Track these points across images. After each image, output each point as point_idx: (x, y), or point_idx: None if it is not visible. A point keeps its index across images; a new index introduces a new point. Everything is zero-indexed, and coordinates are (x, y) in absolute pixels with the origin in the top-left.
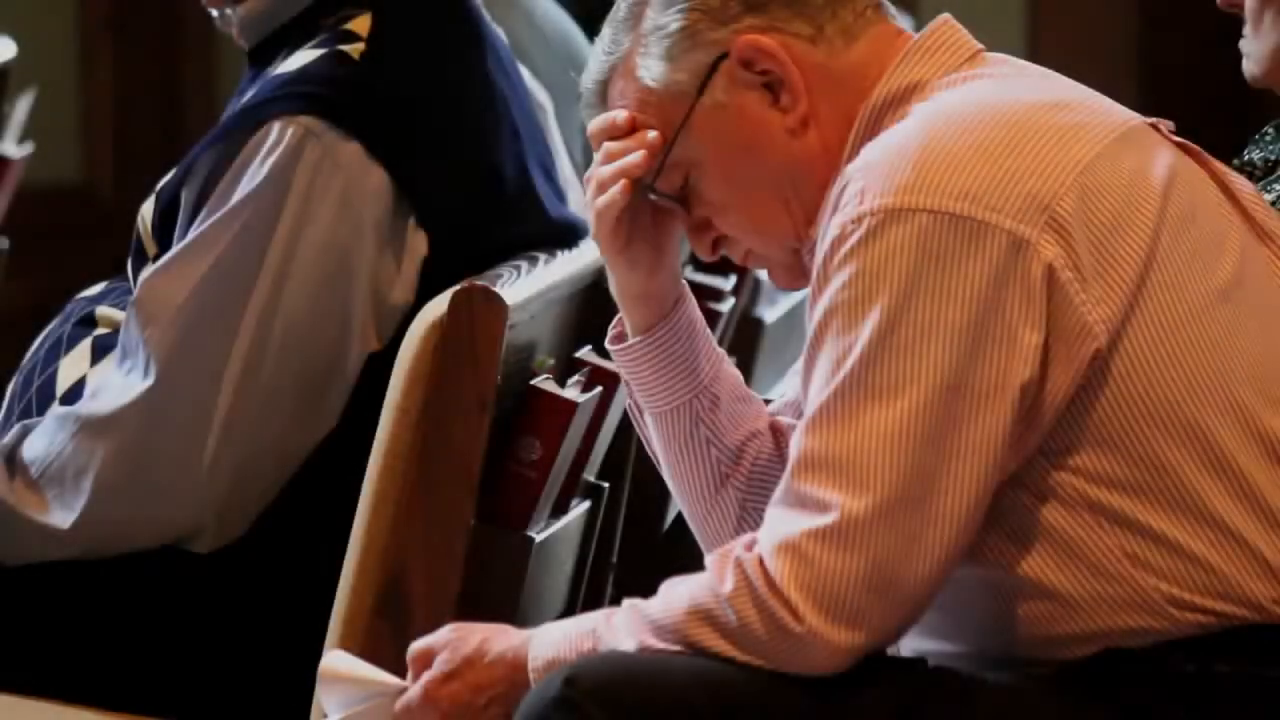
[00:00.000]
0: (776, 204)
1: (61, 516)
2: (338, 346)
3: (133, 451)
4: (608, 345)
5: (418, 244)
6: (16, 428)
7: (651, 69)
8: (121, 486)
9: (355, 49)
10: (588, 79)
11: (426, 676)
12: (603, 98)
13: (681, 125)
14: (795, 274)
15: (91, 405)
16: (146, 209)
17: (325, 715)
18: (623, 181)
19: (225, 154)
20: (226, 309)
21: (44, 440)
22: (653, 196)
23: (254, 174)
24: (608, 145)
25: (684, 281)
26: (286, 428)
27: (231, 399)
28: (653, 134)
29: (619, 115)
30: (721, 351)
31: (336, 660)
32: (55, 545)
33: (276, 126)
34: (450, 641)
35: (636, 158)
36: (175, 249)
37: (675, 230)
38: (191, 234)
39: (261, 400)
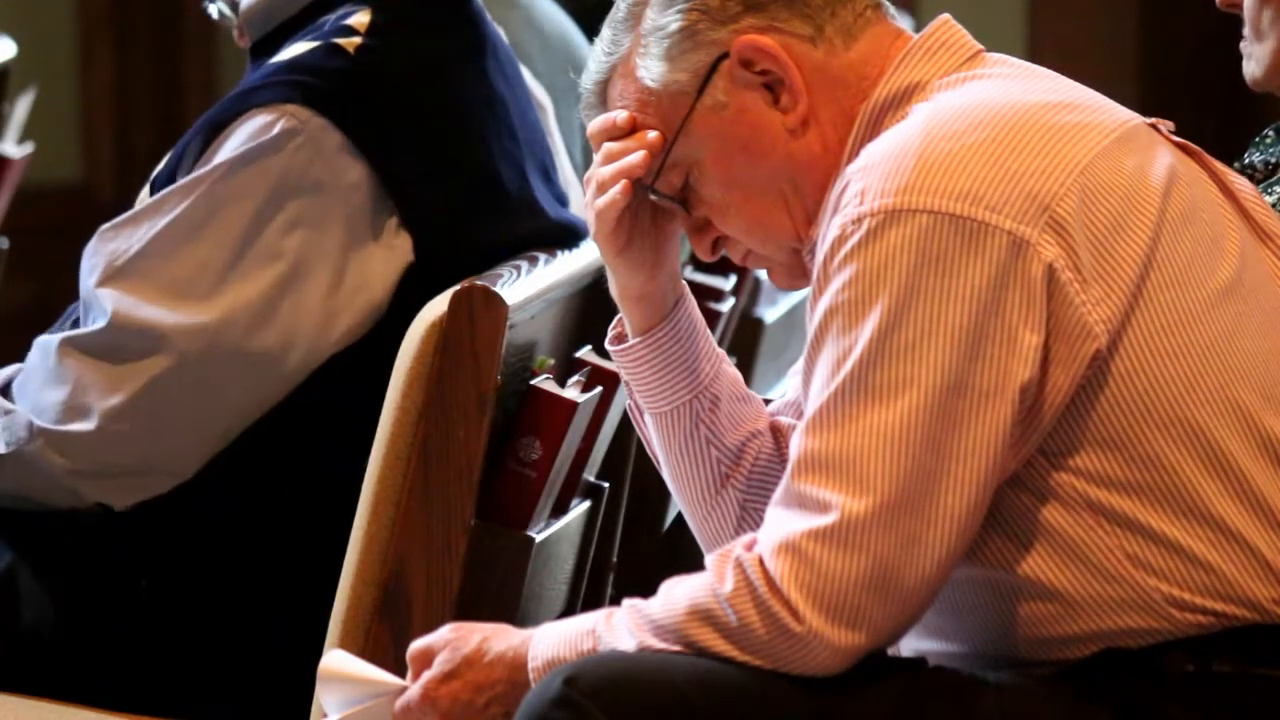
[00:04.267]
0: (776, 204)
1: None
2: (294, 330)
3: (86, 385)
4: (607, 346)
5: (400, 244)
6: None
7: (651, 69)
8: (81, 412)
9: (350, 43)
10: (587, 80)
11: (426, 676)
12: (603, 98)
13: (681, 125)
14: (795, 274)
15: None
16: (143, 197)
17: (325, 715)
18: (623, 182)
19: (212, 138)
20: (174, 265)
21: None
22: (653, 197)
23: (229, 152)
24: (608, 146)
25: (684, 282)
26: (229, 391)
27: (177, 355)
28: (653, 134)
29: (619, 116)
30: (721, 352)
31: (336, 659)
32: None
33: (261, 112)
34: (450, 641)
35: (637, 158)
36: (137, 206)
37: (675, 231)
38: (154, 198)
39: (200, 358)
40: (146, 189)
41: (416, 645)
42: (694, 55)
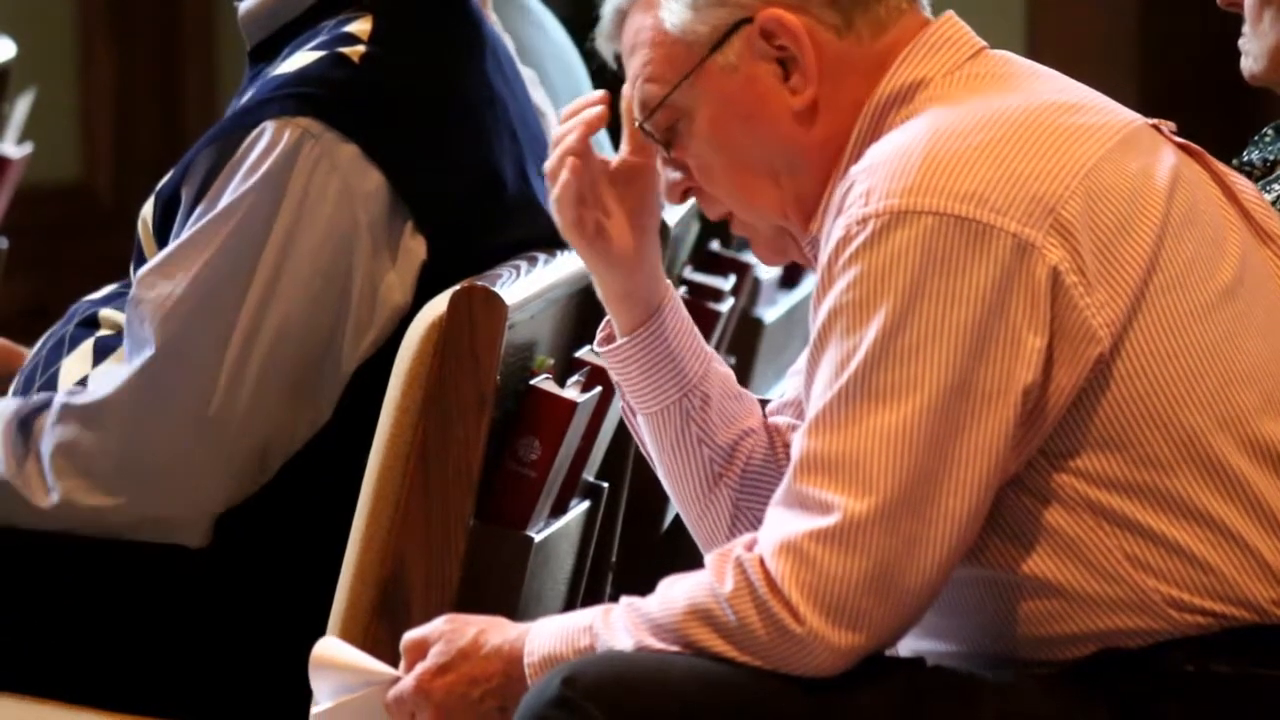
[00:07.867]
0: (765, 178)
1: (45, 497)
2: (330, 347)
3: (120, 440)
4: (596, 347)
5: (416, 247)
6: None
7: (675, 12)
8: (106, 474)
9: (355, 51)
10: (609, 6)
11: (420, 667)
12: (619, 27)
13: (687, 75)
14: (776, 250)
15: (84, 394)
16: (146, 210)
17: (316, 703)
18: (569, 160)
19: (222, 153)
20: (219, 307)
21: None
22: (641, 129)
23: (249, 174)
24: (554, 134)
25: (669, 282)
26: (273, 426)
27: (222, 397)
28: (594, 110)
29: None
30: (711, 350)
31: (329, 646)
32: (37, 519)
33: (273, 127)
34: (445, 633)
35: (574, 136)
36: (170, 247)
37: (652, 227)
38: (187, 232)
39: (249, 400)
40: (150, 204)
41: (411, 636)
42: (719, 11)
